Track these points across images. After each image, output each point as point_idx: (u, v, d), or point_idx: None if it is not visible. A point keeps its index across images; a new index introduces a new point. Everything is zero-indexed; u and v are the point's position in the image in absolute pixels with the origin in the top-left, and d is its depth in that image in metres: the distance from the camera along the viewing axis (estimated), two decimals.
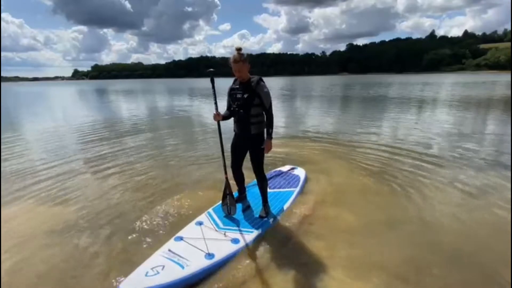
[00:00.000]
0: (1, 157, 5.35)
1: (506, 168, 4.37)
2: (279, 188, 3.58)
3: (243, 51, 2.59)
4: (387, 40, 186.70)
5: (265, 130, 2.73)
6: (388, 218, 3.00)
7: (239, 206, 3.07)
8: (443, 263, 2.31)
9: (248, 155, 2.89)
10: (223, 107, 2.86)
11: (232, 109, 2.76)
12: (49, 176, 4.38)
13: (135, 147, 6.16)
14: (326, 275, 2.17)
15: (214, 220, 2.79)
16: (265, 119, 2.73)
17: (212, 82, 2.73)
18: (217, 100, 2.78)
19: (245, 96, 2.63)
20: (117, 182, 4.09)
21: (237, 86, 2.72)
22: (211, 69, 2.77)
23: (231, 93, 2.76)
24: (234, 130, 2.87)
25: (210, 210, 2.98)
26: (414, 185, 3.80)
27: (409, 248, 2.50)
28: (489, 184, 3.82)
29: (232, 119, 2.87)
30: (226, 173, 2.93)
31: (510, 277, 2.12)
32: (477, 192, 3.60)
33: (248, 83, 2.65)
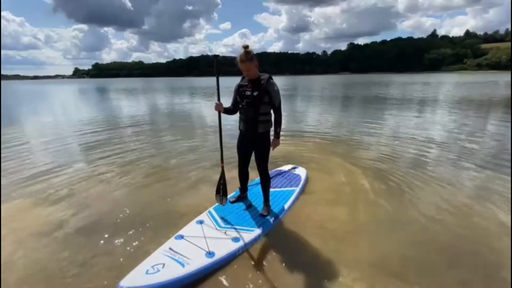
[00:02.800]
0: (1, 156, 5.36)
1: (506, 168, 4.36)
2: (280, 187, 3.57)
3: (250, 49, 2.48)
4: (388, 39, 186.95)
5: (271, 129, 2.71)
6: (389, 217, 3.00)
7: (240, 205, 3.07)
8: (443, 263, 2.31)
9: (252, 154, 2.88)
10: (223, 104, 2.80)
11: (240, 106, 2.70)
12: (48, 173, 4.38)
13: (135, 145, 6.15)
14: (326, 275, 2.17)
15: (214, 219, 2.79)
16: (272, 118, 2.70)
17: (217, 67, 2.59)
18: (220, 94, 2.68)
19: (255, 93, 2.58)
20: (115, 181, 4.09)
21: (246, 83, 2.65)
22: (217, 54, 2.62)
23: (239, 90, 2.69)
24: (240, 128, 2.83)
25: (211, 209, 2.98)
26: (414, 185, 3.79)
27: (410, 248, 2.49)
28: (489, 184, 3.81)
29: (232, 116, 2.85)
30: (222, 161, 2.91)
31: (510, 277, 2.11)
32: (477, 192, 3.60)
33: (258, 81, 2.60)
